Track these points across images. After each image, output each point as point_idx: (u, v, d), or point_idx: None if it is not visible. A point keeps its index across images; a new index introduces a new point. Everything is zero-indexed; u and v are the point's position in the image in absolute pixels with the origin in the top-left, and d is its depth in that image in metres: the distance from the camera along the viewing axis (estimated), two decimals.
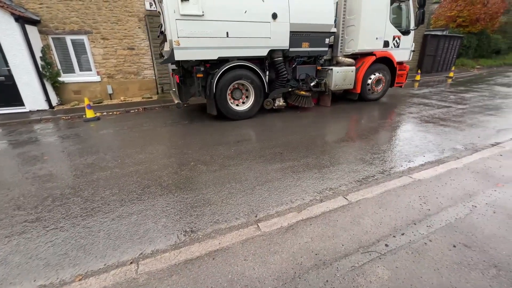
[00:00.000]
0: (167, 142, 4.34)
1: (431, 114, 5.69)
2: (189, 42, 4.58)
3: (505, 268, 1.62)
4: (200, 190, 2.73)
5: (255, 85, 5.48)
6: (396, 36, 6.64)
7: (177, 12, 4.34)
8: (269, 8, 4.99)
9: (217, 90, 5.15)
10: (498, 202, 2.29)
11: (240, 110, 5.60)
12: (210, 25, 4.65)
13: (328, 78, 6.29)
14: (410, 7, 6.64)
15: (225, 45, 4.92)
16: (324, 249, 1.82)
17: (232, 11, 4.75)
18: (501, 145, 3.62)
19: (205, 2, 4.49)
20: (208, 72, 5.17)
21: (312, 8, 5.38)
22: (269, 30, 5.14)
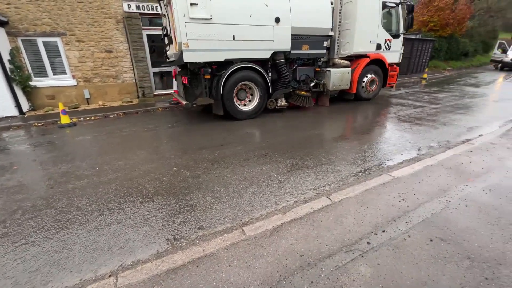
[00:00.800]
0: (148, 148, 4.21)
1: (408, 114, 5.96)
2: (197, 44, 4.72)
3: (477, 259, 1.71)
4: (183, 196, 2.67)
5: (260, 86, 5.69)
6: (388, 39, 7.08)
7: (187, 16, 4.49)
8: (273, 12, 5.25)
9: (224, 91, 5.29)
10: (470, 196, 2.43)
11: (245, 110, 5.76)
12: (217, 28, 4.83)
13: (326, 79, 6.60)
14: (399, 13, 7.09)
15: (231, 48, 5.09)
16: (308, 250, 1.83)
17: (239, 15, 4.95)
18: (470, 142, 3.85)
19: (213, 6, 4.66)
20: (214, 73, 5.26)
21: (312, 13, 5.71)
22: (273, 33, 5.40)
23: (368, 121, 5.54)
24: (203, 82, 5.12)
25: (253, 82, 5.61)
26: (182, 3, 4.41)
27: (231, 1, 4.87)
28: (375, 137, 4.37)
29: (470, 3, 19.37)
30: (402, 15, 7.07)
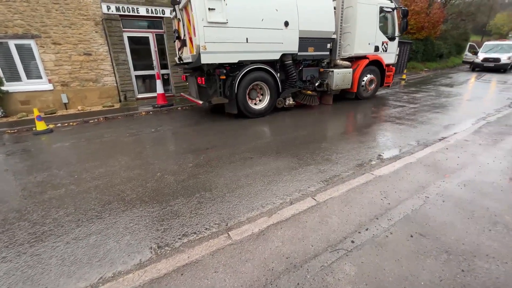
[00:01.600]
0: (131, 153, 4.09)
1: (388, 113, 6.17)
2: (214, 47, 5.01)
3: (454, 252, 1.79)
4: (167, 202, 2.60)
5: (271, 85, 6.03)
6: (384, 41, 7.60)
7: (205, 20, 4.78)
8: (282, 16, 5.60)
9: (238, 91, 5.58)
10: (446, 192, 2.54)
11: (257, 108, 6.07)
12: (232, 32, 5.14)
13: (329, 79, 6.96)
14: (394, 17, 7.67)
15: (245, 50, 5.41)
16: (294, 252, 1.83)
17: (251, 19, 5.28)
18: (446, 140, 4.04)
19: (228, 11, 4.97)
20: (228, 74, 5.52)
21: (317, 17, 6.11)
22: (282, 36, 5.74)
23: (350, 121, 5.69)
24: (218, 82, 5.41)
25: (265, 82, 5.94)
26: (201, 8, 4.70)
27: (245, 6, 5.17)
28: (357, 137, 4.48)
29: (443, 8, 20.46)
30: (397, 19, 7.67)
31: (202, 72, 5.54)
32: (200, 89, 6.01)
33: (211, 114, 6.69)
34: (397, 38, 7.99)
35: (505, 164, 3.11)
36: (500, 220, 2.10)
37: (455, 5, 23.78)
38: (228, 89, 5.59)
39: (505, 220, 2.09)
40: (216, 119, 6.12)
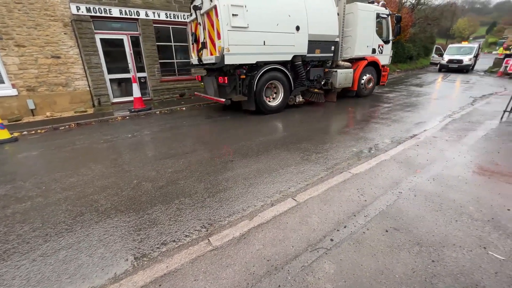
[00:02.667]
0: (105, 161, 3.90)
1: (364, 113, 6.42)
2: (236, 49, 5.49)
3: (425, 243, 1.88)
4: (145, 211, 2.51)
5: (284, 84, 6.56)
6: (380, 44, 8.43)
7: (229, 25, 5.25)
8: (294, 22, 6.17)
9: (257, 89, 6.06)
10: (418, 186, 2.68)
11: (273, 105, 6.58)
12: (251, 35, 5.64)
13: (333, 78, 7.60)
14: (389, 22, 8.51)
15: (262, 52, 5.91)
16: (275, 253, 1.84)
17: (268, 24, 5.80)
18: (417, 137, 4.28)
19: (249, 17, 5.46)
20: (246, 74, 5.97)
21: (323, 22, 6.74)
22: (294, 39, 6.29)
23: (329, 121, 5.84)
24: (237, 81, 5.85)
25: (279, 81, 6.46)
26: (226, 14, 5.16)
27: (263, 12, 5.67)
28: (335, 136, 4.61)
29: (411, 12, 21.75)
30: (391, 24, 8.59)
31: (222, 72, 6.12)
32: (219, 88, 6.41)
33: (192, 118, 6.58)
34: (391, 41, 8.87)
35: (469, 158, 3.35)
36: (465, 211, 2.25)
37: (421, 10, 25.35)
38: (246, 87, 6.02)
39: (469, 211, 2.25)
40: (197, 123, 6.02)
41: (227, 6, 5.16)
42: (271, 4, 5.79)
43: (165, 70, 9.33)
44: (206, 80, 7.12)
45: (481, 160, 3.29)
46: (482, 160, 3.29)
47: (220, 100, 6.23)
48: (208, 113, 7.03)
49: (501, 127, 4.66)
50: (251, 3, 5.49)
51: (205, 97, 7.24)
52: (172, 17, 8.82)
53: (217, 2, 5.15)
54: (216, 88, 6.54)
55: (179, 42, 9.40)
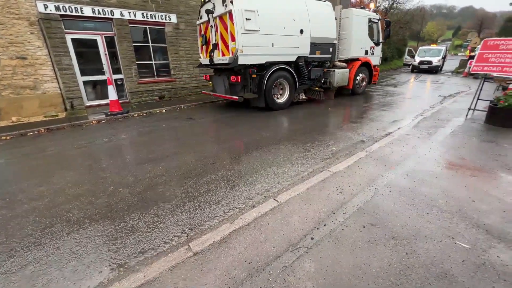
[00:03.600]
0: (79, 167, 3.69)
1: (343, 113, 6.62)
2: (249, 50, 5.95)
3: (400, 237, 1.97)
4: (121, 218, 2.40)
5: (290, 83, 7.06)
6: (372, 46, 9.15)
7: (243, 28, 5.70)
8: (298, 25, 6.71)
9: (266, 87, 6.50)
10: (392, 182, 2.80)
11: (280, 102, 7.06)
12: (262, 38, 6.12)
13: (331, 78, 8.18)
14: (379, 26, 9.28)
15: (271, 53, 6.42)
16: (257, 255, 1.83)
17: (276, 27, 6.32)
18: (392, 135, 4.48)
19: (260, 21, 5.94)
20: (256, 73, 6.40)
21: (323, 26, 7.35)
22: (298, 42, 6.84)
23: (309, 121, 5.95)
24: (249, 80, 6.34)
25: (286, 80, 6.95)
26: (240, 18, 5.61)
27: (272, 17, 6.18)
28: (316, 136, 4.69)
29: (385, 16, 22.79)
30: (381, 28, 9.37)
31: (233, 72, 6.47)
32: (231, 86, 6.83)
33: (172, 120, 6.42)
34: (381, 44, 9.68)
35: (438, 153, 3.55)
36: (436, 204, 2.38)
37: (394, 14, 26.66)
38: (256, 86, 6.46)
39: (439, 204, 2.38)
40: (177, 125, 5.88)
41: (241, 11, 5.62)
42: (278, 9, 6.32)
43: (143, 72, 9.04)
44: (216, 79, 7.45)
45: (449, 155, 3.50)
46: (450, 155, 3.51)
47: (233, 97, 6.58)
48: (189, 115, 6.90)
49: (466, 124, 5.00)
50: (262, 8, 5.97)
51: (215, 95, 7.66)
52: (149, 17, 8.57)
53: (232, 7, 5.57)
54: (227, 86, 6.96)
55: (157, 43, 9.15)
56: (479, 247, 1.84)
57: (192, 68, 9.94)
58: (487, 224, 2.09)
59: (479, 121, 5.09)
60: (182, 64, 9.71)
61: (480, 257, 1.75)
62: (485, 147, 3.74)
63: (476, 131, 4.53)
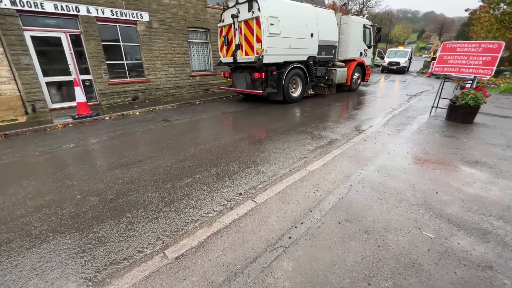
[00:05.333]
0: (41, 176, 3.41)
1: (319, 112, 6.80)
2: (271, 51, 6.90)
3: (372, 231, 2.06)
4: (90, 229, 2.25)
5: (302, 79, 8.13)
6: (365, 49, 10.48)
7: (268, 32, 6.65)
8: (309, 30, 7.85)
9: (285, 83, 7.50)
10: (365, 178, 2.93)
11: (295, 96, 8.09)
12: (282, 40, 7.09)
13: (333, 76, 9.34)
14: (371, 31, 10.57)
15: (288, 53, 7.43)
16: (235, 258, 1.81)
17: (293, 31, 7.36)
18: (364, 132, 4.68)
19: (280, 25, 6.92)
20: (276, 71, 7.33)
21: (328, 31, 8.56)
22: (309, 44, 7.97)
23: (287, 121, 6.05)
24: (269, 76, 7.25)
25: (299, 77, 8.01)
26: (265, 23, 6.55)
27: (289, 22, 7.20)
28: (293, 135, 4.78)
29: None
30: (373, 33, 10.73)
31: (255, 69, 7.22)
32: (253, 82, 7.68)
33: (146, 122, 6.17)
34: (373, 47, 11.08)
35: (406, 149, 3.78)
36: (404, 197, 2.52)
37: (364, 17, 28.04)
38: (275, 82, 7.38)
39: (407, 197, 2.53)
40: (151, 127, 5.66)
41: (267, 17, 6.57)
42: (294, 16, 7.39)
43: (114, 72, 8.59)
44: (236, 76, 8.28)
45: (415, 150, 3.74)
46: (416, 150, 3.74)
47: (257, 92, 7.55)
48: (164, 117, 6.68)
49: (430, 120, 5.38)
50: (282, 15, 6.95)
51: (235, 90, 8.57)
52: (119, 14, 8.16)
53: (259, 14, 6.49)
54: (249, 82, 7.82)
55: (129, 42, 8.75)
56: (442, 235, 1.98)
57: (167, 68, 9.65)
58: (449, 213, 2.25)
59: (441, 118, 5.50)
60: (157, 64, 9.38)
61: (443, 245, 1.88)
62: (446, 142, 4.05)
63: (439, 127, 4.88)
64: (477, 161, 3.32)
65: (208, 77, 11.13)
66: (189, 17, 9.79)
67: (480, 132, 4.54)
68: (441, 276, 1.62)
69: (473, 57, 5.12)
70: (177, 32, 9.60)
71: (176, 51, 9.77)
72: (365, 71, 10.83)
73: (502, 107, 6.83)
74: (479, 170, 3.07)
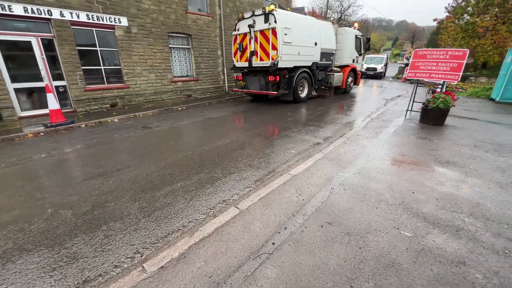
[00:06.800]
0: (8, 189, 3.16)
1: (302, 116, 6.92)
2: (285, 57, 7.91)
3: (354, 233, 2.09)
4: (62, 245, 2.10)
5: (308, 82, 9.32)
6: (356, 56, 11.89)
7: (282, 41, 7.64)
8: (314, 39, 8.98)
9: (295, 85, 8.61)
10: (346, 181, 2.99)
11: (302, 97, 9.21)
12: (293, 48, 8.14)
13: (331, 79, 10.46)
14: (361, 40, 11.94)
15: (297, 59, 8.50)
16: (217, 268, 1.76)
17: (301, 40, 8.41)
18: (345, 135, 4.82)
19: (292, 35, 7.96)
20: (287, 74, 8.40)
21: (328, 40, 9.72)
22: (313, 51, 9.10)
23: (268, 125, 6.09)
24: (282, 79, 8.25)
25: (306, 80, 9.21)
26: (281, 33, 7.56)
27: (298, 33, 8.23)
28: (276, 140, 4.81)
29: None
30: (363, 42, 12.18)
31: (269, 73, 8.20)
32: (266, 84, 8.58)
33: (125, 129, 5.95)
34: (363, 54, 12.59)
35: (384, 151, 3.93)
36: (383, 198, 2.60)
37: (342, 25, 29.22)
38: (286, 84, 8.40)
39: (385, 197, 2.61)
40: (131, 134, 5.47)
41: (282, 28, 7.58)
42: (302, 27, 8.46)
43: (91, 78, 8.25)
44: (250, 79, 9.21)
45: (393, 152, 3.90)
46: (393, 152, 3.90)
47: (272, 93, 8.46)
48: (144, 123, 6.49)
49: (405, 123, 5.65)
50: (293, 26, 8.00)
51: (248, 92, 9.57)
52: (95, 19, 7.88)
53: (276, 25, 7.49)
54: (263, 84, 8.72)
55: (106, 47, 8.46)
56: (419, 234, 2.06)
57: (147, 74, 9.42)
58: (425, 212, 2.35)
59: (415, 121, 5.80)
60: (136, 70, 9.13)
61: (420, 244, 1.95)
62: (420, 144, 4.26)
63: (413, 129, 5.14)
64: (448, 161, 3.51)
65: (191, 82, 11.00)
66: (169, 22, 9.67)
67: (450, 134, 4.82)
68: (419, 274, 1.67)
69: (442, 64, 5.47)
70: (157, 37, 9.44)
71: (157, 57, 9.59)
72: (357, 75, 12.23)
73: (469, 109, 7.33)
74: (450, 170, 3.25)
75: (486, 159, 3.60)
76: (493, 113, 6.83)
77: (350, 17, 36.05)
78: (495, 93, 9.08)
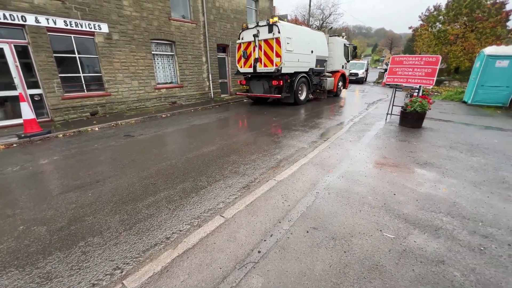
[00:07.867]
0: None
1: (287, 121, 7.00)
2: (287, 63, 8.71)
3: (338, 237, 2.11)
4: (34, 265, 1.97)
5: (307, 86, 10.24)
6: (345, 63, 13.09)
7: (285, 49, 8.45)
8: (310, 47, 9.90)
9: (296, 88, 9.43)
10: (331, 185, 3.03)
11: (302, 99, 10.07)
12: (294, 55, 8.98)
13: (324, 83, 11.45)
14: (349, 49, 13.22)
15: (297, 65, 9.34)
16: (202, 281, 1.71)
17: (300, 48, 9.25)
18: (329, 140, 4.91)
19: (293, 44, 8.83)
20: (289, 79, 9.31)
21: (322, 48, 10.72)
22: (310, 58, 10.01)
23: (256, 130, 6.11)
24: (285, 83, 9.10)
25: (305, 84, 10.12)
26: (284, 43, 8.36)
27: (298, 41, 9.11)
28: (261, 145, 4.82)
29: None
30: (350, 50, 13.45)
31: (272, 78, 9.04)
32: (270, 88, 9.39)
33: (106, 138, 5.74)
34: (350, 61, 13.95)
35: (366, 154, 4.03)
36: (366, 201, 2.66)
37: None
38: (287, 88, 9.30)
39: (368, 200, 2.67)
40: (112, 144, 5.28)
41: (285, 38, 8.41)
42: (300, 37, 9.32)
43: (69, 86, 7.93)
44: (254, 83, 10.01)
45: (375, 155, 4.01)
46: (375, 155, 4.01)
47: (277, 96, 9.25)
48: (127, 132, 6.30)
49: (386, 126, 5.85)
50: (294, 36, 8.91)
51: (252, 95, 10.34)
52: (73, 25, 7.64)
53: (280, 35, 8.30)
54: (267, 88, 9.55)
55: (86, 54, 8.21)
56: (400, 235, 2.11)
57: (130, 81, 9.21)
58: (405, 213, 2.42)
59: (395, 124, 6.02)
60: (118, 77, 8.90)
61: (402, 245, 2.00)
62: (400, 146, 4.42)
63: (393, 132, 5.33)
64: (426, 162, 3.66)
65: (175, 89, 10.86)
66: (152, 29, 9.56)
67: (427, 136, 5.04)
68: (401, 275, 1.71)
69: (417, 69, 5.75)
70: (140, 44, 9.28)
71: (140, 63, 9.41)
72: (345, 80, 13.40)
73: (444, 112, 7.72)
74: (428, 171, 3.38)
75: (460, 159, 3.78)
76: (466, 115, 7.24)
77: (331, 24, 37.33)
78: (467, 96, 9.65)
